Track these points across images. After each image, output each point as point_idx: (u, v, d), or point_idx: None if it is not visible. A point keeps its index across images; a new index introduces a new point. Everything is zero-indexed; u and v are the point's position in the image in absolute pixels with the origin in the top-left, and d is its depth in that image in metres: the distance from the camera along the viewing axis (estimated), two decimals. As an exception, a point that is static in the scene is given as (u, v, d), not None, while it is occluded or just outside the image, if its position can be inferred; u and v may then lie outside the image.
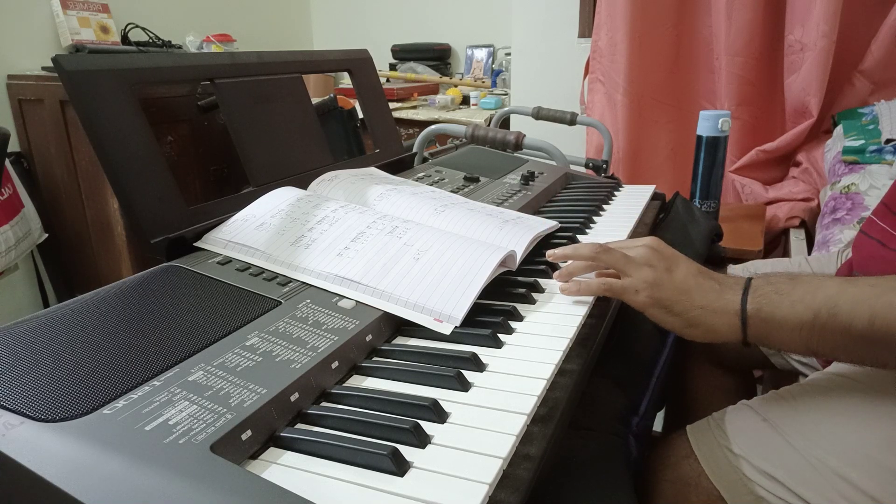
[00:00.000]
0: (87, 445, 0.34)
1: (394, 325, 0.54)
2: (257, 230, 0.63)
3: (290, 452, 0.39)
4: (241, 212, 0.66)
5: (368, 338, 0.51)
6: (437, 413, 0.41)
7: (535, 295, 0.60)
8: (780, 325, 0.50)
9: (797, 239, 1.36)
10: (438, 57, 2.75)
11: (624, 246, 0.59)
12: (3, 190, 1.51)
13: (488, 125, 1.57)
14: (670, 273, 0.56)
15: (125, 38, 2.08)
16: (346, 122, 1.69)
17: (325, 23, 3.10)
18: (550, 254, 0.63)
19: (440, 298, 0.54)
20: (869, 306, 0.47)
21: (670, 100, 1.67)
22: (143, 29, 2.10)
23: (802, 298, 0.50)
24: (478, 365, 0.48)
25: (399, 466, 0.36)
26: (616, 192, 1.02)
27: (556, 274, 0.62)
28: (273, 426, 0.40)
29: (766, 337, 0.52)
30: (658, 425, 0.96)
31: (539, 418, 0.43)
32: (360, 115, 1.35)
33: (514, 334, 0.53)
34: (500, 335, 0.52)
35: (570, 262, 0.61)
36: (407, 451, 0.38)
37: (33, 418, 0.36)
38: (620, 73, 1.65)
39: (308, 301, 0.53)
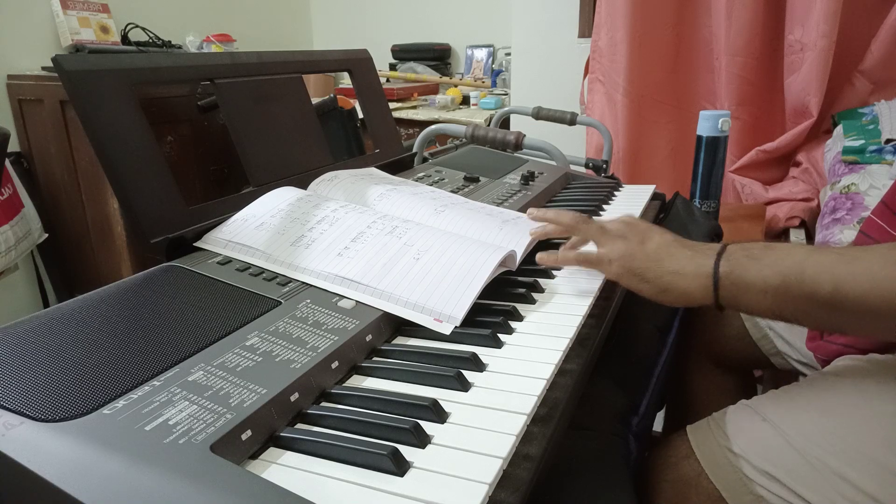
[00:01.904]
0: (87, 445, 0.34)
1: (394, 325, 0.54)
2: (257, 230, 0.63)
3: (290, 452, 0.39)
4: (241, 212, 0.66)
5: (368, 338, 0.51)
6: (437, 413, 0.41)
7: (535, 295, 0.60)
8: (749, 287, 0.51)
9: (797, 239, 1.36)
10: (438, 57, 2.75)
11: (602, 221, 0.62)
12: (3, 190, 1.51)
13: (488, 125, 1.57)
14: (643, 244, 0.58)
15: (125, 38, 2.08)
16: (346, 122, 1.69)
17: (325, 23, 3.10)
18: (531, 211, 0.67)
19: (440, 298, 0.54)
20: (833, 273, 0.47)
21: (670, 100, 1.67)
22: (143, 29, 2.10)
23: (772, 263, 0.51)
24: (478, 365, 0.48)
25: (399, 466, 0.36)
26: (616, 192, 1.02)
27: (531, 230, 0.66)
28: (273, 426, 0.40)
29: (736, 299, 0.53)
30: (658, 425, 0.96)
31: (539, 418, 0.43)
32: (360, 115, 1.35)
33: (514, 334, 0.53)
34: (500, 335, 0.52)
35: (548, 224, 0.65)
36: (407, 451, 0.38)
37: (33, 418, 0.36)
38: (620, 73, 1.64)
39: (308, 301, 0.53)
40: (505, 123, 1.86)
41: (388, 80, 2.67)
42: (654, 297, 0.57)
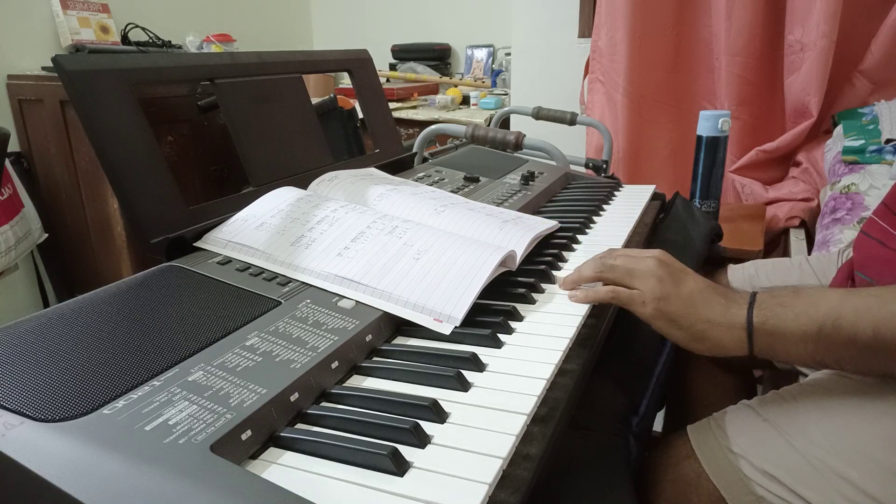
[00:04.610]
0: (87, 445, 0.34)
1: (394, 325, 0.54)
2: (257, 230, 0.63)
3: (290, 452, 0.39)
4: (241, 212, 0.66)
5: (368, 338, 0.51)
6: (437, 413, 0.41)
7: (535, 295, 0.60)
8: (786, 337, 0.51)
9: (797, 239, 1.36)
10: (438, 57, 2.75)
11: (632, 255, 0.59)
12: (3, 190, 1.51)
13: (488, 125, 1.57)
14: (677, 287, 0.56)
15: (125, 38, 2.08)
16: (346, 122, 1.69)
17: (325, 23, 3.10)
18: (562, 283, 0.63)
19: (440, 298, 0.54)
20: (872, 316, 0.47)
21: (670, 100, 1.67)
22: (143, 29, 2.10)
23: (806, 311, 0.50)
24: (478, 365, 0.48)
25: (399, 466, 0.36)
26: (616, 192, 1.02)
27: (560, 284, 0.62)
28: (273, 426, 0.40)
29: (772, 349, 0.52)
30: (658, 425, 0.96)
31: (539, 418, 0.43)
32: (360, 115, 1.35)
33: (514, 334, 0.53)
34: (500, 335, 0.52)
35: (574, 273, 0.62)
36: (407, 451, 0.38)
37: (33, 418, 0.36)
38: (620, 73, 1.65)
39: (308, 301, 0.53)
40: (505, 123, 1.86)
41: (388, 80, 2.67)
42: (687, 344, 0.55)
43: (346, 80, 2.68)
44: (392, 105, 2.27)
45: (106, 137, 0.59)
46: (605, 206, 0.93)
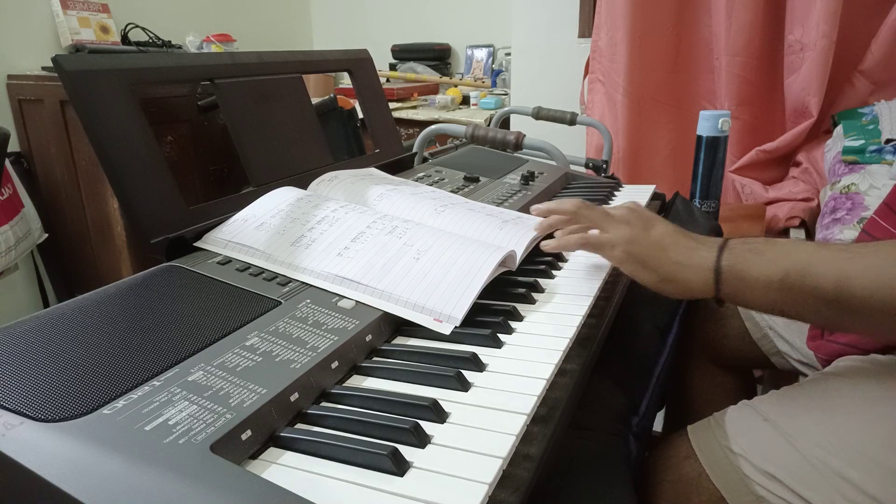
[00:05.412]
0: (87, 445, 0.34)
1: (394, 325, 0.54)
2: (257, 230, 0.63)
3: (290, 452, 0.39)
4: (241, 212, 0.66)
5: (368, 338, 0.51)
6: (437, 413, 0.41)
7: (535, 295, 0.60)
8: (752, 282, 0.51)
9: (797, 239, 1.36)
10: (438, 57, 2.75)
11: (606, 207, 0.62)
12: (3, 190, 1.51)
13: (488, 125, 1.57)
14: (647, 231, 0.58)
15: (125, 38, 2.08)
16: (346, 122, 1.69)
17: (325, 23, 3.10)
18: (535, 208, 0.66)
19: (440, 298, 0.54)
20: (837, 269, 0.47)
21: (670, 100, 1.67)
22: (143, 29, 2.10)
23: (775, 258, 0.50)
24: (478, 365, 0.48)
25: (399, 466, 0.36)
26: (616, 192, 1.02)
27: (535, 225, 0.65)
28: (273, 426, 0.40)
29: (738, 294, 0.53)
30: (658, 425, 0.96)
31: (539, 418, 0.43)
32: (360, 115, 1.35)
33: (514, 334, 0.53)
34: (500, 335, 0.52)
35: (551, 216, 0.64)
36: (407, 451, 0.37)
37: (33, 418, 0.36)
38: (620, 73, 1.64)
39: (308, 301, 0.53)
40: (505, 123, 1.86)
41: (388, 80, 2.67)
42: (655, 285, 0.57)
43: (346, 80, 2.68)
44: (392, 105, 2.27)
45: (106, 137, 0.59)
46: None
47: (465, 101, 2.52)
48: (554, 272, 0.66)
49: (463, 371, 0.46)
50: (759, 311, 0.80)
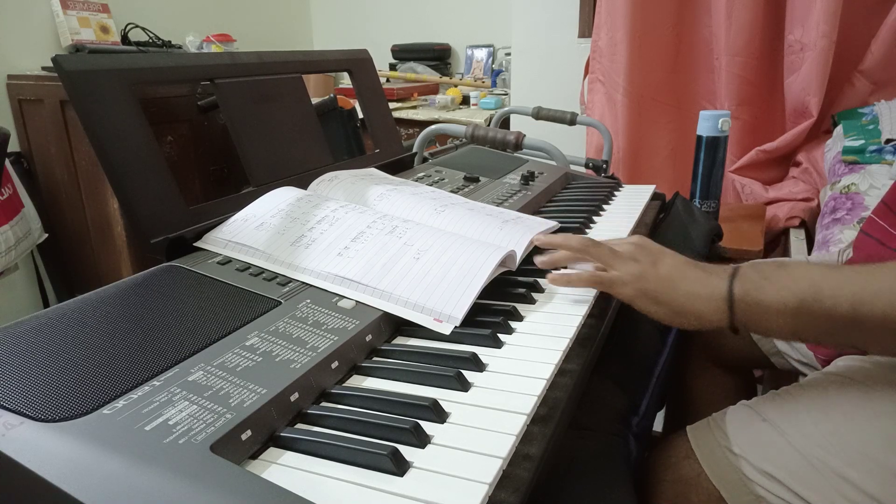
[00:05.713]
0: (87, 445, 0.34)
1: (394, 325, 0.54)
2: (257, 230, 0.63)
3: (290, 452, 0.39)
4: (241, 212, 0.66)
5: (368, 338, 0.51)
6: (437, 413, 0.41)
7: (535, 295, 0.60)
8: (766, 309, 0.51)
9: (797, 239, 1.36)
10: (438, 57, 2.75)
11: (611, 242, 0.61)
12: (3, 190, 1.51)
13: (488, 125, 1.57)
14: (655, 266, 0.57)
15: (125, 38, 2.08)
16: (346, 122, 1.69)
17: (325, 23, 3.10)
18: (538, 240, 0.65)
19: (440, 298, 0.54)
20: (851, 292, 0.47)
21: (670, 100, 1.67)
22: (143, 29, 2.10)
23: (788, 284, 0.50)
24: (478, 365, 0.48)
25: (399, 466, 0.36)
26: (616, 192, 1.02)
27: (539, 260, 0.63)
28: (273, 426, 0.40)
29: (753, 321, 0.52)
30: (658, 425, 0.95)
31: (539, 418, 0.43)
32: (360, 115, 1.35)
33: (514, 334, 0.53)
34: (500, 335, 0.52)
35: (558, 251, 0.63)
36: (407, 451, 0.37)
37: (33, 418, 0.36)
38: (620, 73, 1.64)
39: (308, 301, 0.53)
40: (505, 123, 1.86)
41: (388, 80, 2.67)
42: (669, 320, 0.56)
43: (346, 80, 2.68)
44: (392, 105, 2.27)
45: (106, 137, 0.59)
46: (605, 206, 0.93)
47: (465, 101, 2.52)
48: (554, 272, 0.66)
49: (463, 371, 0.46)
50: (776, 338, 0.79)
